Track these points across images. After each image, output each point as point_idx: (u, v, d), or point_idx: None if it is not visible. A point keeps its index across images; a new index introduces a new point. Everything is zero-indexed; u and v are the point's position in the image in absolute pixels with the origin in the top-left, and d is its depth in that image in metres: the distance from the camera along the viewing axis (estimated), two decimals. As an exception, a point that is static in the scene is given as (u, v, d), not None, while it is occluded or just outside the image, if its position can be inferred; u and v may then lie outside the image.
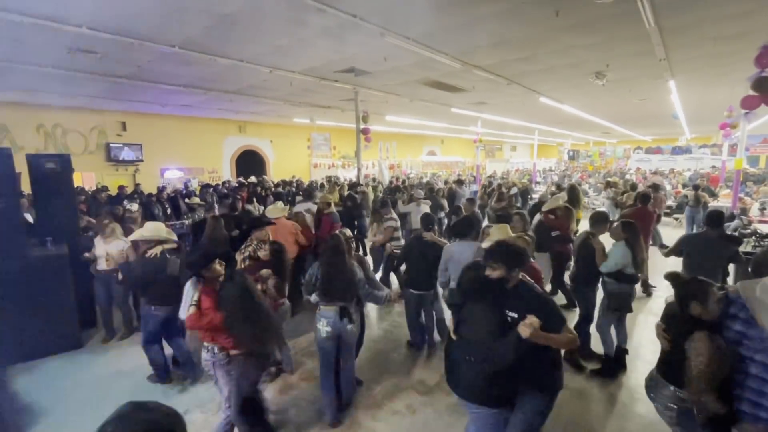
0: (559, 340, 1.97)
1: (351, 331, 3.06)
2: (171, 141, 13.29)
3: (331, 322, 2.98)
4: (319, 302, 3.05)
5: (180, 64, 6.60)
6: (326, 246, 3.14)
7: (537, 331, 1.85)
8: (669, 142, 23.01)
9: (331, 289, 3.00)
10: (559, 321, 2.00)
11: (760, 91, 4.53)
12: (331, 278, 3.00)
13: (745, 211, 8.64)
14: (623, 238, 3.61)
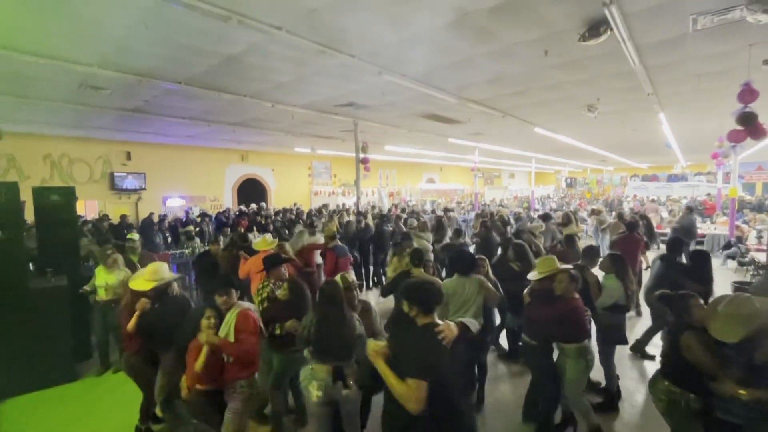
0: (393, 384, 1.88)
1: (347, 397, 2.58)
2: (174, 169, 13.53)
3: (322, 385, 2.54)
4: (312, 360, 2.63)
5: (185, 99, 6.85)
6: (321, 294, 2.75)
7: (373, 354, 2.01)
8: (665, 170, 23.32)
9: (324, 347, 2.59)
10: (409, 370, 1.85)
11: (744, 125, 4.68)
12: (323, 333, 2.59)
13: (742, 239, 8.69)
14: (612, 271, 3.68)
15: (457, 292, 3.41)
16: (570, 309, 3.03)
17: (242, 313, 2.72)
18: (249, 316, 2.72)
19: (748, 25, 3.67)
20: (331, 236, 5.58)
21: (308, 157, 17.27)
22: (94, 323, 4.52)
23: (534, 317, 3.19)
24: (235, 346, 2.63)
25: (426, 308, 2.04)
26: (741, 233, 9.15)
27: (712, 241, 9.86)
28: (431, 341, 1.95)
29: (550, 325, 3.05)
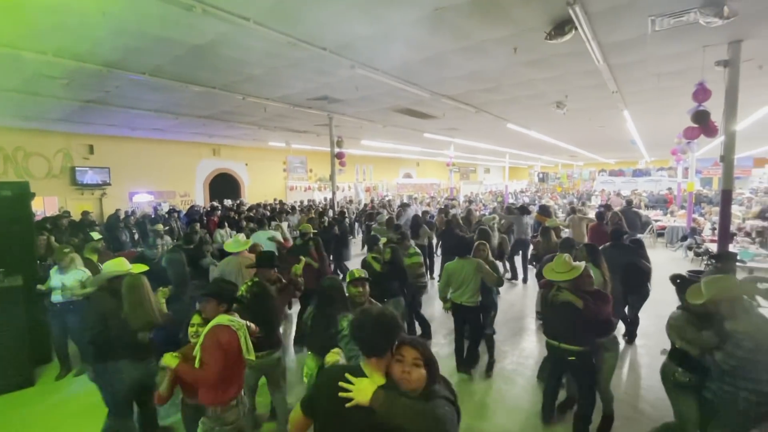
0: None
1: None
2: (140, 164, 13.01)
3: (310, 373, 2.77)
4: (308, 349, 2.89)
5: (150, 90, 6.58)
6: (320, 288, 2.89)
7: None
8: (630, 165, 24.35)
9: (312, 340, 2.79)
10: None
11: (698, 123, 4.94)
12: (314, 327, 2.78)
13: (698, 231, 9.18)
14: (590, 260, 3.82)
15: (456, 272, 4.13)
16: (609, 301, 3.09)
17: (212, 331, 2.35)
18: (216, 336, 2.31)
19: (702, 28, 3.85)
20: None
21: (283, 152, 16.98)
22: (52, 326, 4.31)
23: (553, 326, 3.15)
24: (194, 373, 2.29)
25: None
26: (697, 225, 9.69)
27: (672, 233, 10.40)
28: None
29: (600, 322, 2.99)
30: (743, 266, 6.20)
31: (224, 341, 2.32)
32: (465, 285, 4.09)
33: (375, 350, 1.48)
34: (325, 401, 1.49)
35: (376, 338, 1.49)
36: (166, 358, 2.30)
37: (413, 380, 1.43)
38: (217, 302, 2.47)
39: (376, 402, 1.36)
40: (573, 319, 2.97)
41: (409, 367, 1.44)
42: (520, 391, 4.00)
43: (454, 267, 4.17)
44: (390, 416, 1.35)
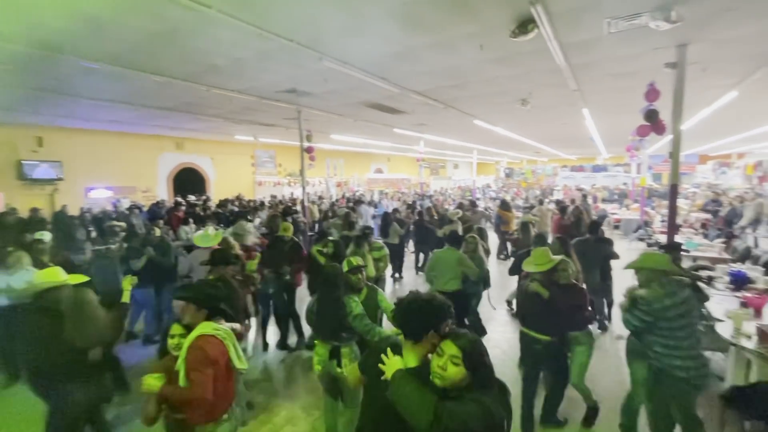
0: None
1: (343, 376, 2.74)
2: (97, 158, 12.29)
3: (321, 360, 2.89)
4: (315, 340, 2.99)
5: (106, 79, 6.22)
6: (322, 275, 2.99)
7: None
8: (590, 161, 25.56)
9: (320, 326, 2.88)
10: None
11: (649, 121, 5.28)
12: (320, 313, 2.86)
13: (649, 223, 9.81)
14: (562, 252, 4.02)
15: (441, 259, 4.54)
16: (584, 295, 3.22)
17: (196, 344, 2.08)
18: (202, 349, 2.06)
19: (653, 31, 4.10)
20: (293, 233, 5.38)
21: (250, 146, 16.56)
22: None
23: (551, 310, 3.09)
24: (182, 394, 2.02)
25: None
26: (649, 218, 10.35)
27: (626, 225, 11.06)
28: None
29: (568, 315, 3.09)
30: (688, 255, 6.69)
31: (212, 354, 2.07)
32: (446, 273, 4.48)
33: (407, 333, 1.56)
34: (371, 367, 1.62)
35: (408, 322, 1.56)
36: (147, 381, 2.03)
37: (446, 377, 1.39)
38: (197, 307, 2.20)
39: (392, 381, 1.43)
40: (540, 309, 3.10)
41: (445, 362, 1.41)
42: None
43: (441, 254, 4.60)
44: (393, 397, 1.38)
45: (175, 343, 2.18)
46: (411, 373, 1.45)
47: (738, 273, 4.90)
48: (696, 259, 6.70)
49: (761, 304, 3.91)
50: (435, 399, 1.33)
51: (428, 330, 1.52)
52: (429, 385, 1.40)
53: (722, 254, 6.81)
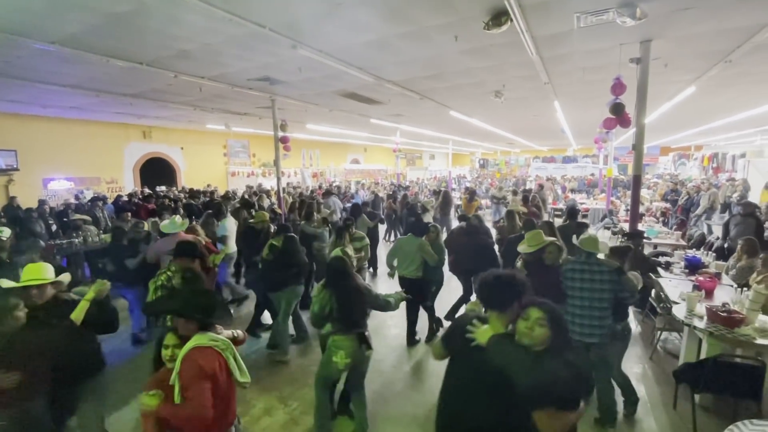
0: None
1: (368, 356, 2.97)
2: (56, 147, 11.60)
3: (350, 352, 2.81)
4: (333, 333, 2.84)
5: (62, 63, 5.86)
6: (332, 270, 2.89)
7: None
8: (560, 152, 26.36)
9: (349, 319, 2.81)
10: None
11: (615, 114, 5.49)
12: (347, 307, 2.79)
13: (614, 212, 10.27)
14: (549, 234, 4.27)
15: (403, 246, 4.70)
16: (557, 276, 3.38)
17: (190, 357, 1.87)
18: (197, 363, 1.86)
19: (619, 27, 4.24)
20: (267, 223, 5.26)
21: (222, 135, 16.07)
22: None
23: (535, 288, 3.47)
24: (179, 413, 1.81)
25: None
26: (614, 207, 10.84)
27: (593, 214, 11.53)
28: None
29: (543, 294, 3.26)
30: (649, 242, 7.08)
31: (209, 368, 1.87)
32: (407, 260, 4.65)
33: (492, 305, 1.80)
34: (457, 339, 1.81)
35: (493, 295, 1.80)
36: (143, 400, 1.82)
37: (534, 337, 1.61)
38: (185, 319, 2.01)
39: (490, 344, 1.65)
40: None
41: (532, 324, 1.62)
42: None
43: (402, 242, 4.80)
44: (496, 357, 1.61)
45: (169, 355, 1.99)
46: (502, 336, 1.69)
47: (693, 258, 5.24)
48: (656, 246, 7.09)
49: (712, 286, 4.20)
50: (532, 354, 1.57)
51: (513, 301, 1.74)
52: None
53: (679, 241, 7.24)
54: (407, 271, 4.65)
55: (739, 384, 2.87)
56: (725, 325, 3.24)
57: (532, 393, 1.49)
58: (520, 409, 1.53)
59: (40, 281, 2.39)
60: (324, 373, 2.92)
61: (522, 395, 1.51)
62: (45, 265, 2.50)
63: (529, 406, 1.50)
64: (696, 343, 3.57)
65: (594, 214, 11.54)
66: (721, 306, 3.46)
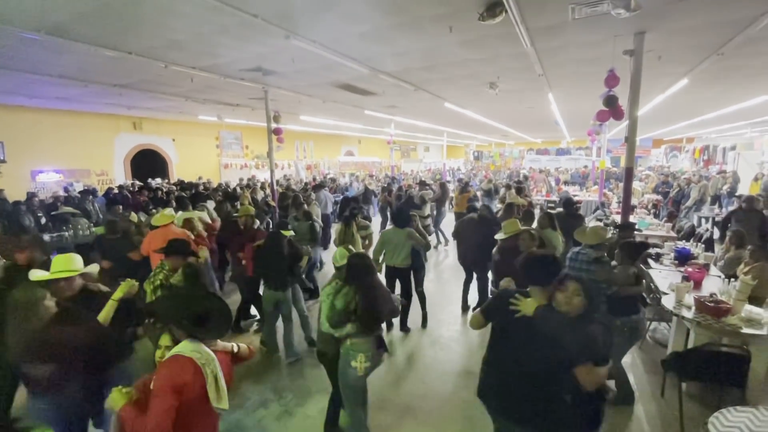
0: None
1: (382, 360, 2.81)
2: (44, 138, 11.40)
3: (370, 355, 2.63)
4: (353, 335, 2.61)
5: (49, 52, 5.73)
6: (355, 267, 2.70)
7: None
8: (554, 144, 26.46)
9: (375, 318, 2.65)
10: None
11: (608, 107, 5.51)
12: (374, 305, 2.62)
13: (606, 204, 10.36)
14: (549, 226, 4.56)
15: (392, 240, 4.69)
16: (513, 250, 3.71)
17: (165, 364, 1.71)
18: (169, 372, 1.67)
19: (613, 18, 4.22)
20: (252, 217, 5.12)
21: (215, 126, 15.88)
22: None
23: (502, 271, 3.78)
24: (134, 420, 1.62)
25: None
26: (606, 199, 10.93)
27: (586, 206, 11.63)
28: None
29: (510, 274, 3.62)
30: (640, 234, 7.16)
31: (178, 381, 1.64)
32: (397, 250, 4.70)
33: (535, 281, 2.04)
34: (500, 310, 2.07)
35: (537, 273, 2.05)
36: (113, 394, 1.69)
37: (573, 305, 1.89)
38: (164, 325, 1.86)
39: (537, 314, 1.90)
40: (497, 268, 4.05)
41: (571, 295, 1.89)
42: (455, 356, 4.32)
43: (389, 235, 4.77)
44: (545, 324, 1.87)
45: (160, 356, 1.91)
46: (545, 307, 1.94)
47: (682, 250, 5.32)
48: (647, 238, 7.17)
49: (701, 277, 4.27)
50: (571, 320, 1.85)
51: (554, 277, 1.99)
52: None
53: (670, 233, 7.33)
54: (397, 261, 4.71)
55: (725, 372, 2.94)
56: (713, 315, 3.31)
57: (575, 352, 1.77)
58: (564, 367, 1.80)
59: (68, 273, 2.38)
60: (344, 384, 2.70)
61: (567, 354, 1.78)
62: (74, 256, 2.48)
63: (572, 363, 1.78)
64: (684, 332, 3.65)
65: (587, 207, 11.64)
66: (709, 296, 3.53)
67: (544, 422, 1.91)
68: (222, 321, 1.82)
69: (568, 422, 1.90)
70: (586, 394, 1.81)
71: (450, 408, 3.39)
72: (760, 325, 3.16)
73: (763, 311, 3.36)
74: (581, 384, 1.77)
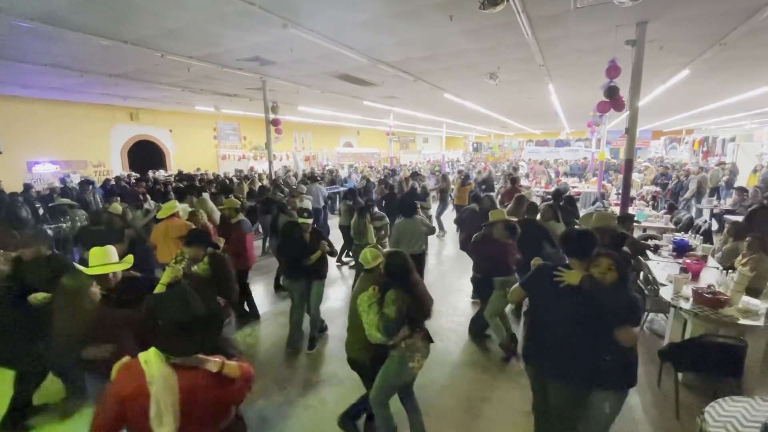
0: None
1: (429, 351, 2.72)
2: (40, 129, 11.29)
3: (425, 352, 2.60)
4: (407, 338, 2.52)
5: (42, 41, 5.64)
6: (396, 268, 2.55)
7: None
8: (553, 136, 26.36)
9: (424, 316, 2.61)
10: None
11: (609, 98, 5.47)
12: (421, 302, 2.57)
13: (605, 196, 10.35)
14: (552, 218, 4.67)
15: (407, 230, 4.90)
16: (498, 250, 3.96)
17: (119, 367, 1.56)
18: (114, 378, 1.52)
19: (615, 8, 4.18)
20: (236, 209, 5.04)
21: (212, 117, 15.74)
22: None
23: (476, 254, 4.18)
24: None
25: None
26: (605, 191, 10.92)
27: (585, 198, 11.62)
28: None
29: (486, 260, 4.01)
30: (639, 225, 7.18)
31: (117, 390, 1.45)
32: (413, 239, 4.94)
33: (580, 254, 2.25)
34: (542, 282, 2.29)
35: (582, 246, 2.27)
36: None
37: (607, 279, 2.10)
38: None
39: (585, 283, 2.11)
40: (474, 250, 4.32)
41: (604, 270, 2.11)
42: (453, 346, 4.33)
43: (404, 225, 4.96)
44: (593, 291, 2.08)
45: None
46: (589, 276, 2.14)
47: (680, 241, 5.33)
48: (645, 229, 7.20)
49: (699, 269, 4.29)
50: (613, 288, 2.07)
51: (593, 250, 2.22)
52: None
53: (668, 224, 7.35)
54: (415, 248, 4.89)
55: (722, 363, 2.97)
56: (710, 306, 3.33)
57: (617, 315, 2.02)
58: (607, 328, 2.05)
59: (114, 267, 2.42)
60: (392, 388, 2.62)
61: (609, 317, 2.04)
62: (110, 248, 2.47)
63: (613, 324, 2.04)
64: (681, 323, 3.67)
65: (585, 198, 11.63)
66: (707, 288, 3.55)
67: (589, 377, 2.17)
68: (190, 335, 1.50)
69: (610, 376, 2.15)
70: (624, 352, 2.09)
71: (449, 398, 3.42)
72: (757, 316, 3.18)
73: (761, 302, 3.38)
74: (620, 342, 2.04)
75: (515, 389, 3.52)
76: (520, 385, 3.51)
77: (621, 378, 2.19)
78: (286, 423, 3.14)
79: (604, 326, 2.06)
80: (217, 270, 2.92)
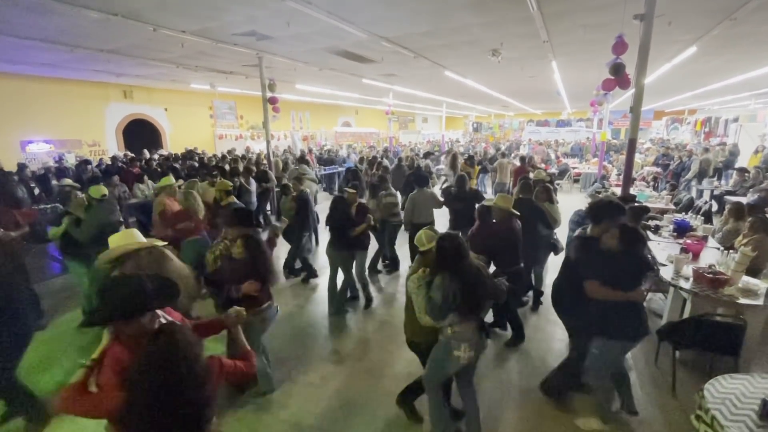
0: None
1: (485, 344, 2.61)
2: (32, 108, 11.04)
3: (473, 343, 2.44)
4: (454, 325, 2.41)
5: (28, 13, 5.42)
6: (447, 251, 2.40)
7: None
8: (555, 116, 26.02)
9: (476, 305, 2.42)
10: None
11: (615, 75, 5.33)
12: (472, 291, 2.36)
13: (606, 177, 10.29)
14: (547, 199, 4.60)
15: (419, 200, 5.16)
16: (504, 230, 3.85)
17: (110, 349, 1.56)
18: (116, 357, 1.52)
19: (625, -21, 4.03)
20: (226, 192, 4.95)
21: (208, 95, 15.43)
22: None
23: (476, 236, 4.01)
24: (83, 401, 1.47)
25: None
26: (606, 171, 10.85)
27: (585, 179, 11.57)
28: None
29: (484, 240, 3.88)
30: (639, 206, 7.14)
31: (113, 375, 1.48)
32: (425, 209, 5.17)
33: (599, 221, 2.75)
34: (579, 249, 2.79)
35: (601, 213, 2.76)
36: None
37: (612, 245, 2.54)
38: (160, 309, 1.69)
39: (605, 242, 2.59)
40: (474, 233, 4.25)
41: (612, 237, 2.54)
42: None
43: (417, 196, 5.20)
44: (627, 253, 2.50)
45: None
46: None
47: (681, 222, 5.32)
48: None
49: (699, 249, 4.30)
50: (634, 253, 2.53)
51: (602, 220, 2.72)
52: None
53: (669, 205, 7.33)
54: (425, 218, 5.11)
55: (720, 341, 3.00)
56: (710, 286, 3.34)
57: (642, 273, 2.55)
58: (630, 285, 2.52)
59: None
60: (439, 373, 2.56)
61: (637, 274, 2.53)
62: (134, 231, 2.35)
63: (635, 283, 2.54)
64: (680, 303, 3.70)
65: (586, 179, 11.58)
66: (707, 268, 3.55)
67: (613, 327, 2.54)
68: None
69: (632, 326, 2.54)
70: (636, 305, 2.58)
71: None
72: (757, 296, 3.20)
73: (760, 282, 3.40)
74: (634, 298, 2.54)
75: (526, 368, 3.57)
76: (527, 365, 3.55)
77: (638, 329, 2.59)
78: (288, 401, 3.18)
79: (632, 282, 2.52)
80: (252, 252, 2.80)
